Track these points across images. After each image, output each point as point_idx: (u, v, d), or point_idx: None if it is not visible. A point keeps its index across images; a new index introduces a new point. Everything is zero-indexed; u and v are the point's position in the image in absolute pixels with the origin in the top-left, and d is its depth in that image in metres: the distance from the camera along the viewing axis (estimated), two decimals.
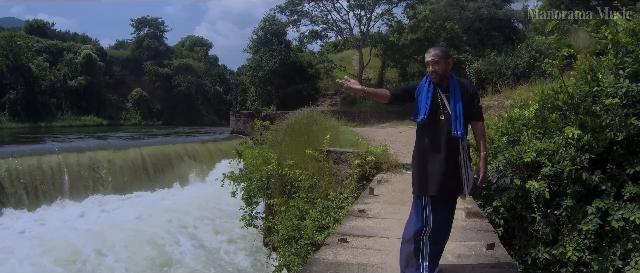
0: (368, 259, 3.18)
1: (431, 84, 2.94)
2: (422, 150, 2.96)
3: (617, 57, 4.86)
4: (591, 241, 4.14)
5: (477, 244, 3.52)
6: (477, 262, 3.17)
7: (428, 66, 2.95)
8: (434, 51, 2.94)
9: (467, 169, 2.88)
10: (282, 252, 5.84)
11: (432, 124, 2.89)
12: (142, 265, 8.27)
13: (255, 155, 7.67)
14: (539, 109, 4.76)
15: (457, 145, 2.86)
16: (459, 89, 2.92)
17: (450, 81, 2.95)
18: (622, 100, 4.38)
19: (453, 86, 2.93)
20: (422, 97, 2.92)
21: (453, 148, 2.86)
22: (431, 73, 2.93)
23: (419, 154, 2.98)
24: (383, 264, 3.11)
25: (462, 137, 2.84)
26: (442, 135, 2.86)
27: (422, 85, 2.98)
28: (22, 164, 12.10)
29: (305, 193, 6.11)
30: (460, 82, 2.99)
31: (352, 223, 3.97)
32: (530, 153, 4.21)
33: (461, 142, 2.86)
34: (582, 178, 4.17)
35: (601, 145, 4.27)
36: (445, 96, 2.91)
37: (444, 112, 2.87)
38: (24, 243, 9.14)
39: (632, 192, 4.13)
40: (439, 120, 2.87)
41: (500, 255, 3.28)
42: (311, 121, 8.61)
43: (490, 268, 3.07)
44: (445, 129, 2.85)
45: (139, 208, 11.42)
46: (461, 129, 2.82)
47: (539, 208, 4.23)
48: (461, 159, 2.86)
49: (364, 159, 6.46)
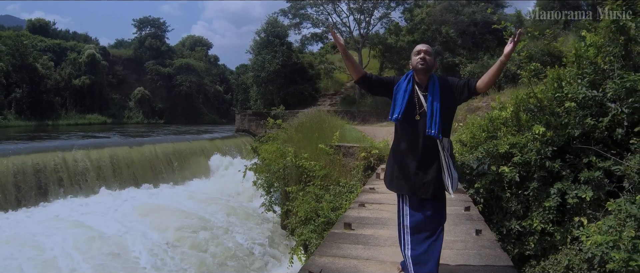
0: (381, 215, 4.46)
1: (410, 83, 2.89)
2: (397, 149, 2.95)
3: (580, 68, 5.94)
4: (553, 215, 5.22)
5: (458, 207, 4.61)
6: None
7: (419, 53, 2.87)
8: (428, 45, 2.93)
9: (450, 168, 2.81)
10: (300, 231, 6.87)
11: (408, 124, 2.86)
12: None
13: (272, 150, 8.72)
14: (514, 111, 5.84)
15: (435, 144, 2.81)
16: (438, 87, 2.85)
17: (431, 79, 2.88)
18: (580, 104, 5.46)
19: (432, 84, 2.85)
20: (399, 95, 2.88)
21: (430, 147, 2.81)
22: (421, 59, 2.85)
23: (394, 154, 2.97)
24: (391, 218, 4.25)
25: (437, 136, 2.77)
26: (419, 135, 2.82)
27: (401, 82, 2.93)
28: (86, 155, 13.68)
29: (320, 181, 7.18)
30: (440, 79, 2.91)
31: (366, 196, 5.19)
32: (504, 146, 5.29)
33: (440, 142, 2.80)
34: (546, 165, 5.25)
35: (562, 139, 5.35)
36: (423, 94, 2.84)
37: (420, 111, 2.81)
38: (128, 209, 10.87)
39: (586, 176, 5.20)
40: (414, 120, 2.84)
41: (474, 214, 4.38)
42: (320, 120, 9.68)
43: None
44: (422, 129, 2.81)
45: (167, 197, 12.70)
46: (435, 128, 2.75)
47: (512, 190, 5.32)
48: (441, 158, 2.81)
49: (369, 152, 7.54)
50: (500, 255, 3.33)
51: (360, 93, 26.82)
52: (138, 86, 49.72)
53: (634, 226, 4.28)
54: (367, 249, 3.47)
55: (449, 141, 2.87)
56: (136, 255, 8.11)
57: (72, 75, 43.35)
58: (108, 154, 14.19)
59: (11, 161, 11.92)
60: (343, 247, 3.51)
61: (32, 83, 38.22)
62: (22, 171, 11.79)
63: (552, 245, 5.26)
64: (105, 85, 46.20)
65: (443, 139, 2.81)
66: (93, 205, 11.72)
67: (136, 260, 7.95)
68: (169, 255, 8.06)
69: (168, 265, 7.75)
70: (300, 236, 6.72)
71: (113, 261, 7.73)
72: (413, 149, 2.83)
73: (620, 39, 5.82)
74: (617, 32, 5.91)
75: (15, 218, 10.41)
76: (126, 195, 12.82)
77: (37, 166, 12.24)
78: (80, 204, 11.79)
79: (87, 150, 13.99)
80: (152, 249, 8.21)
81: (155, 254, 8.09)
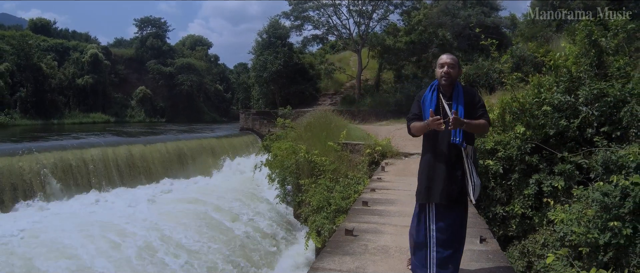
0: (389, 197, 5.61)
1: (434, 93, 2.97)
2: (426, 159, 3.01)
3: (557, 76, 6.89)
4: (532, 202, 6.16)
5: None
6: None
7: (444, 66, 2.94)
8: (452, 56, 3.01)
9: (473, 175, 2.88)
10: (313, 218, 7.79)
11: (435, 133, 2.91)
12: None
13: (285, 147, 9.64)
14: (500, 113, 6.78)
15: (460, 152, 2.89)
16: (462, 96, 2.93)
17: (455, 89, 2.95)
18: (556, 107, 6.40)
19: (456, 93, 2.93)
20: (425, 107, 2.96)
21: (456, 155, 2.89)
22: (445, 74, 2.92)
23: (423, 163, 3.03)
24: (397, 199, 5.31)
25: (462, 144, 2.87)
26: (444, 143, 2.89)
27: (426, 94, 3.01)
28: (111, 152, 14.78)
29: (330, 174, 8.11)
30: (465, 89, 2.99)
31: (375, 184, 6.26)
32: (490, 143, 6.24)
33: (464, 149, 2.89)
34: (525, 160, 6.19)
35: (539, 138, 6.29)
36: (447, 104, 2.90)
37: (445, 120, 2.78)
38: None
39: (559, 169, 6.15)
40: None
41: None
42: (327, 120, 10.62)
43: None
44: (447, 137, 2.88)
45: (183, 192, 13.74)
46: (460, 136, 2.84)
47: (496, 180, 6.26)
48: (466, 166, 2.88)
49: (373, 149, 8.48)
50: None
51: (360, 93, 27.76)
52: (140, 85, 50.52)
53: (596, 209, 5.22)
54: (382, 218, 4.68)
55: (472, 149, 2.97)
56: (172, 235, 9.05)
57: (76, 74, 44.08)
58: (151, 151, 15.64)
59: (52, 156, 13.08)
60: (364, 217, 4.77)
61: (36, 82, 38.92)
62: (61, 166, 12.94)
63: (531, 226, 6.21)
64: (107, 84, 46.98)
65: (467, 146, 2.91)
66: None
67: (172, 238, 8.89)
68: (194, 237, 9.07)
69: (199, 242, 8.83)
70: (313, 222, 7.63)
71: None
72: (440, 158, 2.91)
73: (592, 52, 6.77)
74: (590, 46, 6.87)
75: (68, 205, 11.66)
76: (160, 187, 14.05)
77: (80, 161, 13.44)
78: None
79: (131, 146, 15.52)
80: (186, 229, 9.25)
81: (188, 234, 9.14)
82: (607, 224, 4.89)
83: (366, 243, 3.88)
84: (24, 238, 8.49)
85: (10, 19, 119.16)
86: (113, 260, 7.80)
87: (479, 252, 3.61)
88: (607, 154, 5.56)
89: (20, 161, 12.11)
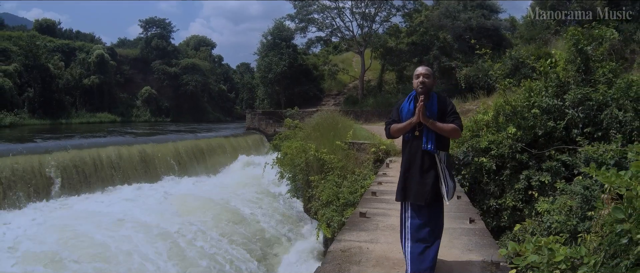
0: (394, 189, 5.93)
1: (412, 103, 3.23)
2: (403, 163, 3.29)
3: (546, 81, 7.56)
4: (522, 195, 6.84)
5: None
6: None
7: (419, 76, 3.17)
8: (427, 66, 3.26)
9: (446, 178, 3.10)
10: (322, 212, 8.47)
11: (411, 140, 3.21)
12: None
13: (295, 146, 10.33)
14: (494, 115, 7.45)
15: (433, 158, 3.14)
16: (436, 106, 3.17)
17: (431, 99, 3.19)
18: (544, 110, 7.07)
19: (430, 104, 3.16)
20: (403, 115, 3.26)
21: (429, 161, 3.13)
22: (421, 84, 3.16)
23: (401, 166, 3.32)
24: None
25: (434, 151, 3.12)
26: (418, 149, 3.15)
27: (404, 104, 3.29)
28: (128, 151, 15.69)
29: (338, 171, 8.79)
30: (439, 98, 3.22)
31: (380, 178, 6.97)
32: (484, 142, 6.92)
33: (437, 155, 3.13)
34: (516, 157, 6.87)
35: (529, 138, 6.97)
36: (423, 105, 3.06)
37: (419, 128, 3.13)
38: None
39: (547, 166, 6.82)
40: (415, 136, 3.17)
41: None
42: (334, 121, 11.30)
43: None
44: (421, 144, 3.14)
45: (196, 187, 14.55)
46: (431, 144, 3.11)
47: (490, 176, 6.94)
48: (439, 170, 3.11)
49: (378, 148, 9.17)
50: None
51: (363, 94, 28.42)
52: (145, 85, 51.13)
53: (577, 200, 5.89)
54: (389, 205, 5.37)
55: (446, 154, 3.20)
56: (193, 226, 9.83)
57: (83, 75, 44.75)
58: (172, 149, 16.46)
59: (77, 154, 14.02)
60: (373, 204, 5.52)
61: (44, 83, 39.46)
62: (81, 163, 13.74)
63: (521, 217, 6.87)
64: (113, 84, 47.59)
65: (440, 152, 3.15)
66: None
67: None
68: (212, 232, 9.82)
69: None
70: (323, 215, 8.30)
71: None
72: (414, 162, 3.17)
73: (578, 59, 7.43)
74: (577, 53, 7.53)
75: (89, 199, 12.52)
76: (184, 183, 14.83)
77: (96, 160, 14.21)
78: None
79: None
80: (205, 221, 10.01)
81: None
82: (586, 214, 5.58)
83: (377, 223, 4.70)
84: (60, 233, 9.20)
85: (12, 19, 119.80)
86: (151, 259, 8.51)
87: (468, 229, 4.37)
88: (589, 152, 6.24)
89: (48, 158, 12.98)
